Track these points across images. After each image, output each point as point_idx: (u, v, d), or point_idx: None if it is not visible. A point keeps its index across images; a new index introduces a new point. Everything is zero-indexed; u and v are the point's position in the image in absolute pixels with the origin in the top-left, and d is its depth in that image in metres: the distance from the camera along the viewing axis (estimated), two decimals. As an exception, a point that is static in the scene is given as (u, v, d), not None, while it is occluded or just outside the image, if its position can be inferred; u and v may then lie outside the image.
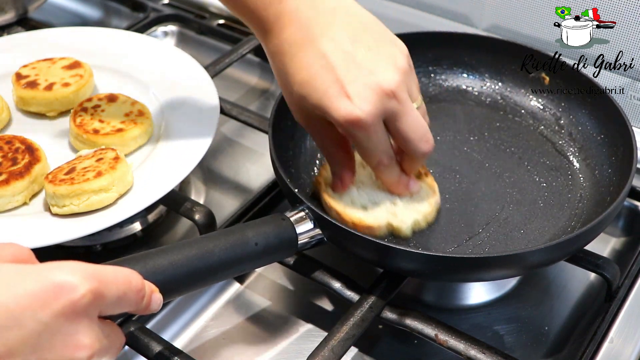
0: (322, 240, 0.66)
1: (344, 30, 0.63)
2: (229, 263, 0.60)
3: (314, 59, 0.62)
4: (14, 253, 0.47)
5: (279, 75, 0.65)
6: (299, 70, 0.62)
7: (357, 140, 0.63)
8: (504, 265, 0.63)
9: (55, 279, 0.44)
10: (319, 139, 0.68)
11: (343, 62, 0.61)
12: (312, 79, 0.62)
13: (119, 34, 0.98)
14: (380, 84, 0.61)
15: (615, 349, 0.65)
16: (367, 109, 0.60)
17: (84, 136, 0.79)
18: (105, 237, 0.79)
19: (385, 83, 0.61)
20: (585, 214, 0.72)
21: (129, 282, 0.48)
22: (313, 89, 0.62)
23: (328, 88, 0.61)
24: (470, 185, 0.77)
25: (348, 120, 0.61)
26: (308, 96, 0.62)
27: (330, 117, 0.62)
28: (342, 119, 0.61)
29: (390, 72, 0.62)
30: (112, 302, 0.47)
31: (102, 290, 0.45)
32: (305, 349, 0.67)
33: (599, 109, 0.80)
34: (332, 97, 0.61)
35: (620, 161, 0.74)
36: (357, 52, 0.62)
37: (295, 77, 0.63)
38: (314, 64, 0.61)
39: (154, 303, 0.51)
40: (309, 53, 0.62)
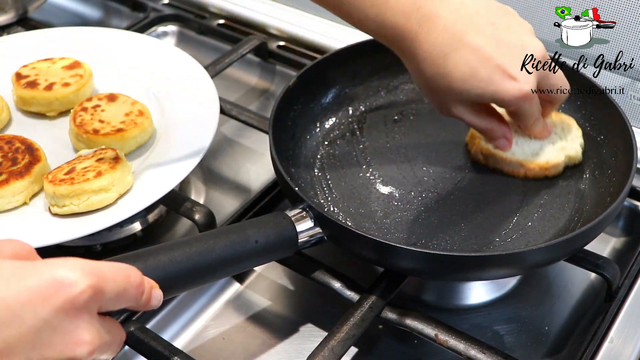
0: (322, 239, 0.66)
1: (481, 19, 0.67)
2: (229, 260, 0.60)
3: (469, 54, 0.66)
4: (14, 249, 0.47)
5: (434, 78, 0.68)
6: (457, 67, 0.66)
7: (522, 112, 0.71)
8: (504, 264, 0.63)
9: (55, 275, 0.44)
10: (477, 121, 0.72)
11: (496, 49, 0.67)
12: (474, 71, 0.66)
13: (119, 34, 0.98)
14: (536, 55, 0.68)
15: (615, 349, 0.65)
16: (532, 82, 0.68)
17: (84, 136, 0.79)
18: (105, 237, 0.79)
19: (537, 53, 0.68)
20: (585, 214, 0.72)
21: (128, 278, 0.48)
22: (477, 80, 0.66)
23: (492, 76, 0.66)
24: (469, 185, 0.77)
25: (519, 97, 0.67)
26: (473, 88, 0.67)
27: (500, 100, 0.68)
28: (514, 99, 0.67)
29: (535, 41, 0.69)
30: (112, 298, 0.47)
31: (101, 285, 0.45)
32: (305, 349, 0.67)
33: (598, 109, 0.80)
34: (498, 82, 0.67)
35: (620, 161, 0.74)
36: (502, 35, 0.67)
37: (455, 74, 0.66)
38: (471, 59, 0.66)
39: (154, 299, 0.51)
40: (463, 50, 0.66)
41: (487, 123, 0.73)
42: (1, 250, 0.46)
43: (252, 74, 1.06)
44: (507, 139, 0.75)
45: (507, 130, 0.75)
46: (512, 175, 0.77)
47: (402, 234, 0.71)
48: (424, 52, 0.67)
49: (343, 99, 0.86)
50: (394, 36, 0.68)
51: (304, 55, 1.04)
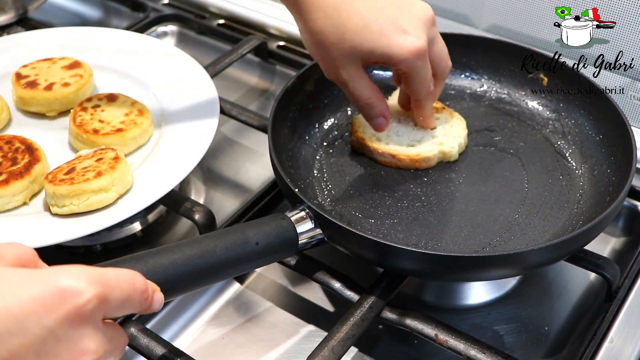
0: (322, 240, 0.66)
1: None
2: (229, 262, 0.60)
3: (361, 5, 0.65)
4: (17, 254, 0.46)
5: (326, 31, 0.67)
6: (349, 18, 0.65)
7: (416, 72, 0.69)
8: (504, 264, 0.63)
9: (60, 284, 0.43)
10: (359, 87, 0.71)
11: (387, 2, 0.67)
12: (366, 22, 0.65)
13: (119, 34, 0.98)
14: (424, 13, 0.68)
15: (615, 349, 0.65)
16: (424, 38, 0.67)
17: (84, 136, 0.79)
18: (105, 237, 0.79)
19: (427, 12, 0.69)
20: (585, 214, 0.72)
21: (133, 285, 0.48)
22: (369, 32, 0.65)
23: (383, 28, 0.66)
24: (469, 185, 0.77)
25: (412, 52, 0.66)
26: (364, 40, 0.66)
27: (393, 55, 0.66)
28: (405, 53, 0.66)
29: (422, 2, 0.69)
30: (117, 305, 0.46)
31: (107, 294, 0.45)
32: (305, 349, 0.67)
33: (597, 109, 0.80)
34: (391, 35, 0.66)
35: (620, 161, 0.74)
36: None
37: (347, 25, 0.65)
38: (363, 9, 0.65)
39: (155, 302, 0.51)
40: (355, 1, 0.65)
41: (370, 94, 0.72)
42: (4, 255, 0.46)
43: (252, 74, 1.06)
44: (384, 117, 0.74)
45: (386, 108, 0.74)
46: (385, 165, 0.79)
47: (402, 234, 0.71)
48: (313, 4, 0.66)
49: (342, 99, 0.86)
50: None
51: (304, 55, 1.04)
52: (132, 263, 0.55)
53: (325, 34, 0.67)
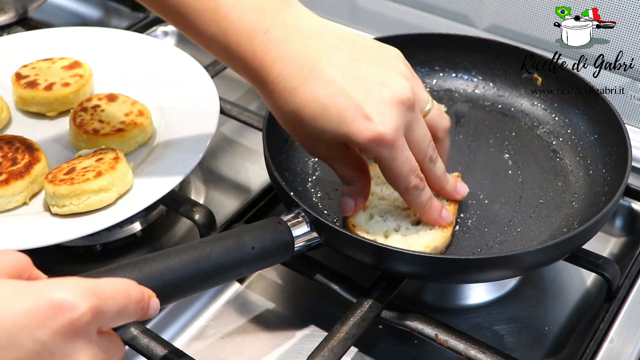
0: (319, 243, 0.66)
1: (338, 52, 0.60)
2: (225, 267, 0.60)
3: (320, 88, 0.59)
4: (12, 263, 0.46)
5: (284, 115, 0.61)
6: (306, 104, 0.59)
7: (384, 162, 0.61)
8: (500, 266, 0.63)
9: (54, 298, 0.43)
10: (340, 166, 0.65)
11: (350, 83, 0.59)
12: (324, 109, 0.59)
13: (119, 34, 0.98)
14: (395, 96, 0.59)
15: (615, 349, 0.65)
16: (389, 124, 0.59)
17: (84, 136, 0.79)
18: (105, 237, 0.79)
19: (400, 93, 0.60)
20: (580, 214, 0.72)
21: (128, 295, 0.47)
22: (328, 119, 0.59)
23: (344, 113, 0.59)
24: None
25: (372, 140, 0.59)
26: (324, 127, 0.59)
27: (352, 142, 0.60)
28: (365, 141, 0.59)
29: (400, 81, 0.60)
30: (112, 317, 0.46)
31: (101, 306, 0.44)
32: (305, 349, 0.67)
33: (592, 109, 0.80)
34: (350, 122, 0.59)
35: (615, 161, 0.74)
36: (360, 69, 0.60)
37: (304, 112, 0.59)
38: (321, 93, 0.59)
39: (151, 309, 0.50)
40: (313, 83, 0.59)
41: (347, 173, 0.65)
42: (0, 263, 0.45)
43: (252, 74, 1.06)
44: (355, 203, 0.67)
45: (360, 194, 0.67)
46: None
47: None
48: (271, 84, 0.60)
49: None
50: (238, 60, 0.60)
51: (304, 55, 1.03)
52: (128, 270, 0.55)
53: (288, 121, 0.61)
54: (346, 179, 0.66)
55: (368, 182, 0.67)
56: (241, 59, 0.60)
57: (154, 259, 0.57)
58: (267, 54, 0.59)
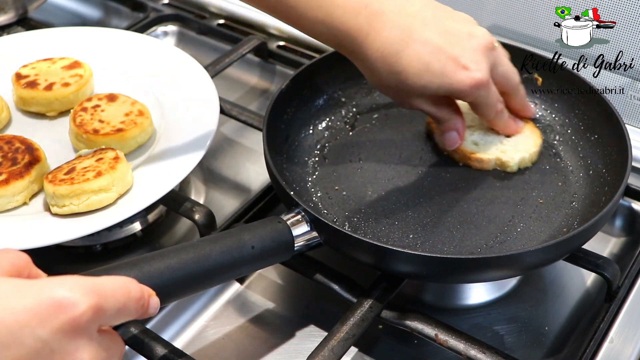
0: (319, 243, 0.66)
1: (427, 13, 0.69)
2: (225, 266, 0.60)
3: (421, 48, 0.67)
4: (12, 262, 0.46)
5: (389, 77, 0.69)
6: (410, 64, 0.67)
7: (480, 100, 0.72)
8: (500, 266, 0.63)
9: (55, 296, 0.43)
10: (437, 110, 0.74)
11: (445, 40, 0.68)
12: (427, 66, 0.67)
13: (119, 34, 0.98)
14: (482, 43, 0.70)
15: (615, 349, 0.65)
16: (483, 69, 0.69)
17: (84, 136, 0.79)
18: (105, 237, 0.79)
19: (484, 40, 0.70)
20: (580, 214, 0.72)
21: (128, 293, 0.47)
22: (432, 74, 0.68)
23: (445, 67, 0.68)
24: (466, 187, 0.77)
25: (473, 86, 0.69)
26: (429, 82, 0.68)
27: (456, 91, 0.69)
28: (468, 88, 0.69)
29: (479, 29, 0.71)
30: (112, 315, 0.46)
31: (102, 304, 0.45)
32: (305, 349, 0.67)
33: (592, 109, 0.80)
34: (452, 74, 0.68)
35: (615, 161, 0.74)
36: (448, 26, 0.69)
37: (409, 70, 0.68)
38: (423, 53, 0.67)
39: (151, 307, 0.50)
40: (414, 45, 0.67)
41: (445, 113, 0.75)
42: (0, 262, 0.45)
43: (252, 74, 1.06)
44: (458, 133, 0.76)
45: (461, 124, 0.76)
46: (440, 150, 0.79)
47: (398, 237, 0.71)
48: (376, 51, 0.68)
49: (336, 101, 0.86)
50: (344, 37, 0.69)
51: (304, 55, 1.04)
52: (128, 269, 0.55)
53: (389, 79, 0.69)
54: (444, 119, 0.75)
55: (461, 113, 0.76)
56: (347, 35, 0.68)
57: (153, 258, 0.57)
58: (371, 27, 0.67)
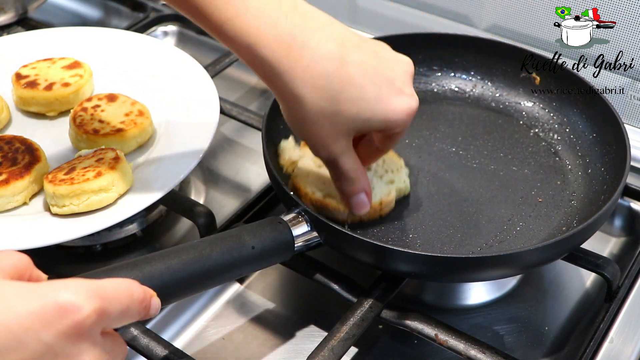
0: (319, 243, 0.66)
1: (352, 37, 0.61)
2: (226, 267, 0.60)
3: (354, 70, 0.59)
4: (13, 264, 0.46)
5: (315, 107, 0.60)
6: (343, 89, 0.59)
7: (400, 134, 0.64)
8: (499, 265, 0.63)
9: (59, 299, 0.43)
10: (350, 161, 0.64)
11: (377, 62, 0.61)
12: (361, 90, 0.59)
13: (119, 34, 0.98)
14: (409, 69, 0.63)
15: (615, 349, 0.65)
16: (414, 95, 0.62)
17: (84, 136, 0.79)
18: (105, 237, 0.79)
19: (411, 66, 0.63)
20: (579, 213, 0.72)
21: (131, 295, 0.47)
22: (365, 100, 0.60)
23: (380, 92, 0.60)
24: (462, 186, 0.77)
25: (409, 114, 0.61)
26: (361, 109, 0.60)
27: (389, 121, 0.61)
28: (404, 116, 0.61)
29: (402, 55, 0.64)
30: (116, 317, 0.46)
31: (105, 307, 0.45)
32: (305, 349, 0.67)
33: (591, 108, 0.80)
34: (389, 100, 0.60)
35: (614, 159, 0.74)
36: (375, 48, 0.62)
37: (341, 97, 0.59)
38: (356, 76, 0.59)
39: (152, 308, 0.50)
40: (347, 67, 0.59)
41: (357, 167, 0.65)
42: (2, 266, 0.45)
43: (252, 74, 1.06)
44: (367, 194, 0.67)
45: (368, 184, 0.67)
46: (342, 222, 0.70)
47: (398, 236, 0.71)
48: (301, 73, 0.59)
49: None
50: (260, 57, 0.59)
51: (304, 55, 1.03)
52: (128, 270, 0.55)
53: (317, 109, 0.60)
54: (353, 175, 0.65)
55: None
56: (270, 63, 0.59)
57: (154, 259, 0.57)
58: (293, 42, 0.58)
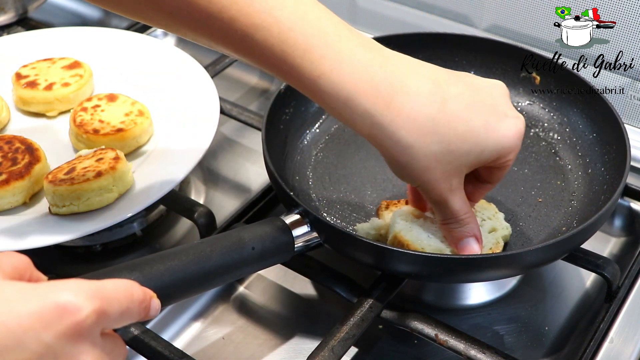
0: (319, 243, 0.66)
1: (440, 72, 0.59)
2: (226, 268, 0.60)
3: (456, 105, 0.57)
4: (13, 264, 0.46)
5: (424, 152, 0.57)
6: (450, 128, 0.56)
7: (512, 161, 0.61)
8: (499, 265, 0.63)
9: (59, 300, 0.43)
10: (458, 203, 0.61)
11: (474, 92, 0.58)
12: (468, 125, 0.57)
13: (119, 34, 0.98)
14: (505, 91, 0.61)
15: (615, 349, 0.65)
16: (522, 116, 0.60)
17: (84, 136, 0.79)
18: (105, 237, 0.79)
19: (504, 88, 0.61)
20: (579, 213, 0.72)
21: (131, 296, 0.47)
22: (475, 133, 0.57)
23: (487, 120, 0.58)
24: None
25: (520, 135, 0.59)
26: (472, 145, 0.57)
27: (503, 147, 0.58)
28: (515, 138, 0.59)
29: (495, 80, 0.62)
30: (116, 318, 0.46)
31: (105, 308, 0.45)
32: (305, 349, 0.67)
33: (591, 108, 0.80)
34: (495, 126, 0.58)
35: (614, 159, 0.74)
36: (467, 79, 0.60)
37: (450, 135, 0.56)
38: (460, 110, 0.57)
39: (152, 309, 0.50)
40: (448, 104, 0.57)
41: (467, 209, 0.62)
42: (1, 267, 0.45)
43: (252, 74, 1.06)
44: (477, 240, 0.64)
45: (478, 228, 0.64)
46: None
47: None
48: (406, 122, 0.56)
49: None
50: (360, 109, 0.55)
51: (304, 55, 1.03)
52: (128, 271, 0.55)
53: (428, 154, 0.56)
54: (461, 215, 0.62)
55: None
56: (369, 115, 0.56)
57: (154, 260, 0.57)
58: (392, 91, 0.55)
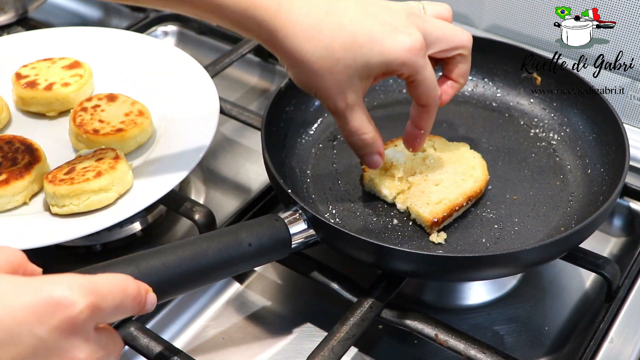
0: (316, 241, 0.66)
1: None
2: (222, 264, 0.60)
3: (344, 16, 0.60)
4: (7, 258, 0.46)
5: (312, 58, 0.60)
6: (334, 37, 0.60)
7: (420, 73, 0.62)
8: (498, 264, 0.63)
9: (53, 294, 0.43)
10: (357, 120, 0.65)
11: (365, 8, 0.61)
12: (353, 35, 0.60)
13: (119, 34, 0.98)
14: (406, 9, 0.63)
15: (615, 349, 0.65)
16: (416, 32, 0.61)
17: (84, 136, 0.79)
18: (105, 237, 0.79)
19: (408, 7, 0.63)
20: (578, 213, 0.73)
21: (125, 291, 0.47)
22: (358, 44, 0.60)
23: (373, 32, 0.60)
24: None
25: (410, 49, 0.60)
26: (356, 54, 0.60)
27: (388, 60, 0.61)
28: (403, 52, 0.60)
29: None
30: (109, 313, 0.46)
31: (99, 303, 0.45)
32: (305, 349, 0.67)
33: (591, 108, 0.80)
34: (383, 39, 0.60)
35: (613, 159, 0.74)
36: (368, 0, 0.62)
37: (334, 44, 0.60)
38: (346, 21, 0.60)
39: (148, 304, 0.50)
40: (336, 13, 0.60)
41: (368, 128, 0.66)
42: None
43: (252, 74, 1.06)
44: (379, 155, 0.68)
45: (382, 144, 0.68)
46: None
47: (396, 235, 0.71)
48: (293, 27, 0.59)
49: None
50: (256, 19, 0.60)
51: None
52: (124, 265, 0.55)
53: (315, 60, 0.60)
54: (360, 133, 0.66)
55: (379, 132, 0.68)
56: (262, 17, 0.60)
57: (150, 255, 0.57)
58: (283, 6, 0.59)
